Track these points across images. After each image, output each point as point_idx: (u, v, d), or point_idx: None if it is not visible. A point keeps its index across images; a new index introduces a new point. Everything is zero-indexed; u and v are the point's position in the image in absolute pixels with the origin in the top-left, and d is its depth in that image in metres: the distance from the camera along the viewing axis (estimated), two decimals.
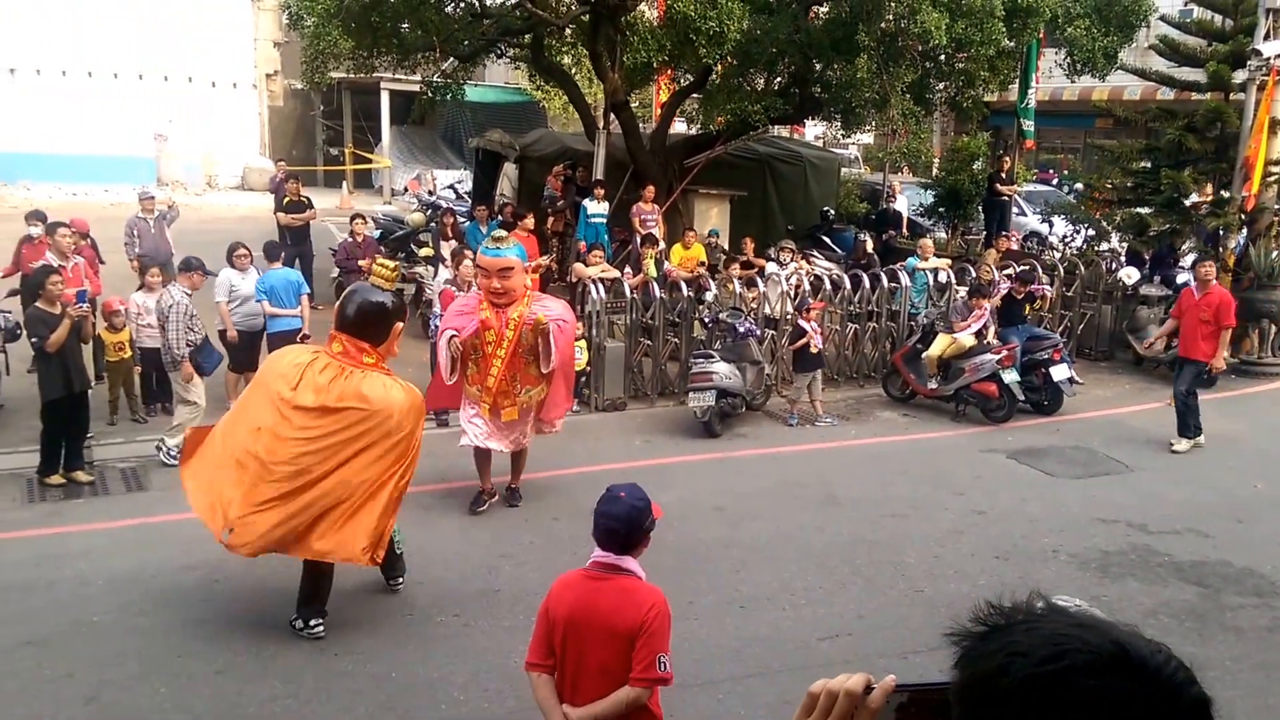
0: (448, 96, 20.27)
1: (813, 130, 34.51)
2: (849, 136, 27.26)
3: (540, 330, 9.33)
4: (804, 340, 13.09)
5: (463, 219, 18.72)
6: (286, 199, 18.53)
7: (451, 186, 29.13)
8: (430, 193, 28.30)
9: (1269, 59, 16.23)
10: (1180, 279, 17.52)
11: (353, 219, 16.34)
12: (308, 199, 18.88)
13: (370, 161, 35.97)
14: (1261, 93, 16.34)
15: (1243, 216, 16.65)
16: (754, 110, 16.28)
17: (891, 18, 15.36)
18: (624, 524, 4.38)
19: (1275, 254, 16.43)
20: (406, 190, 32.60)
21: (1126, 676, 1.23)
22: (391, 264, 8.17)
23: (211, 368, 11.56)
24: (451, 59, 19.51)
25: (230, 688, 6.78)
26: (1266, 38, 16.32)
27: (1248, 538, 9.83)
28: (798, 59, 16.71)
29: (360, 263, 15.35)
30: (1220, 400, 14.76)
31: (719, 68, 16.93)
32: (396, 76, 24.32)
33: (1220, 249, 17.20)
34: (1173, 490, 11.14)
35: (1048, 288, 15.69)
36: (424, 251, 17.89)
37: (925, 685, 1.43)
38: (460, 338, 9.31)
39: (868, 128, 19.62)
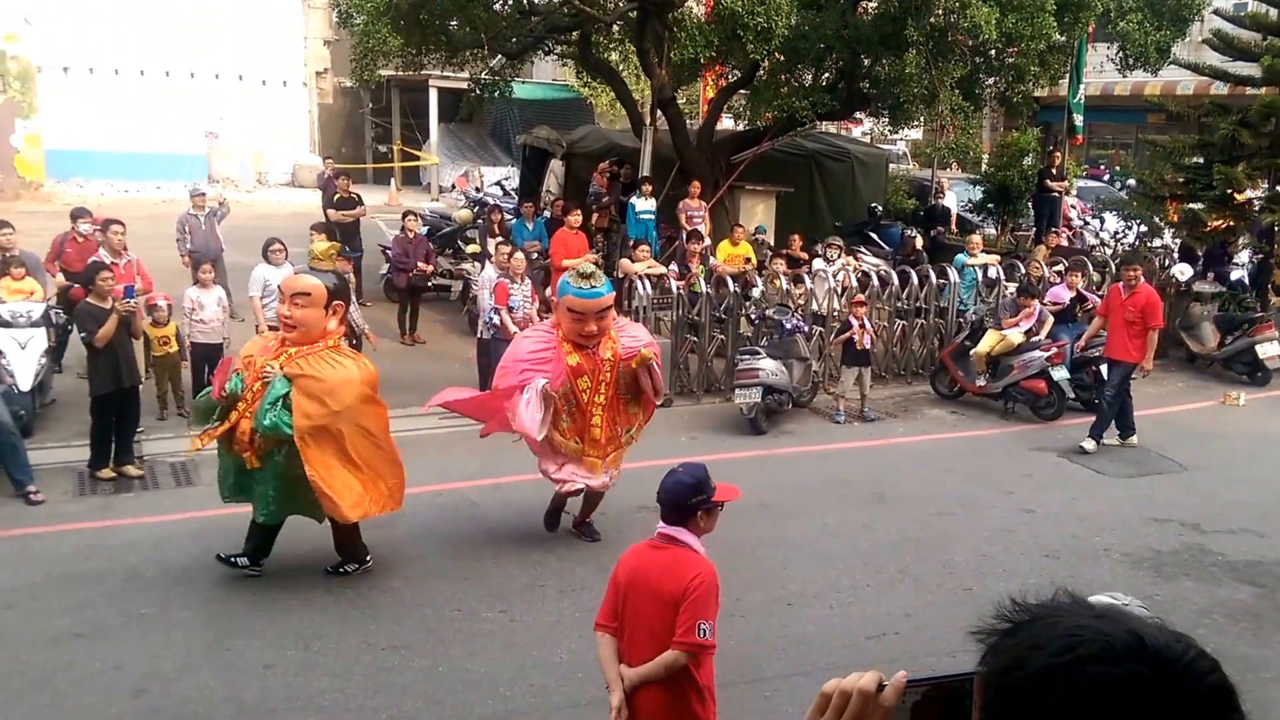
0: (495, 94, 20.35)
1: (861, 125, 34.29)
2: (897, 132, 27.05)
3: (643, 361, 8.48)
4: (849, 334, 13.03)
5: (510, 216, 18.77)
6: (337, 195, 18.64)
7: (499, 183, 29.18)
8: (477, 189, 28.34)
9: None
10: (1234, 275, 17.32)
11: (405, 216, 16.43)
12: (357, 196, 18.99)
13: (418, 159, 36.10)
14: None
15: None
16: (801, 106, 16.18)
17: (941, 12, 15.23)
18: (666, 495, 4.74)
19: None
20: (454, 187, 32.68)
21: (1141, 663, 1.23)
22: (326, 242, 8.25)
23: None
24: (499, 56, 19.57)
25: (278, 681, 6.83)
26: None
27: None
28: (846, 54, 16.61)
29: (420, 263, 15.54)
30: (1273, 399, 14.56)
31: (766, 63, 16.85)
32: (445, 74, 24.38)
33: (1275, 245, 16.96)
34: (1226, 489, 10.98)
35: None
36: (471, 248, 17.98)
37: (938, 679, 1.44)
38: (552, 387, 8.30)
39: (916, 123, 19.46)
